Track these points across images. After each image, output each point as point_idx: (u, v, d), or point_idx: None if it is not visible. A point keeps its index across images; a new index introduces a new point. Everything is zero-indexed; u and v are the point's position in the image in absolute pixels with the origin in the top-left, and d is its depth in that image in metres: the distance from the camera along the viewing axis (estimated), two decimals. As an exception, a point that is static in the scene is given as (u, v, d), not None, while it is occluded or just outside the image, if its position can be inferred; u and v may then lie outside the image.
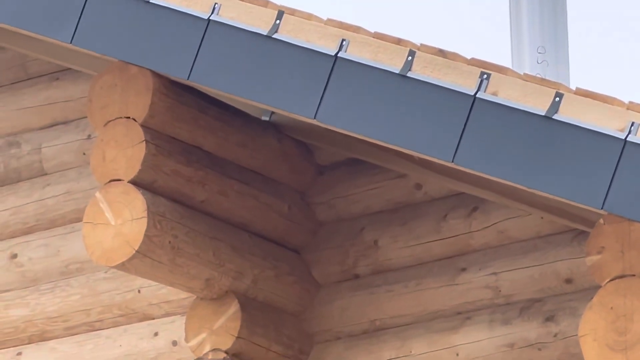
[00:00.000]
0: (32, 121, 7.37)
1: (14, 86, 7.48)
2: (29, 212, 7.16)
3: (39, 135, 7.26)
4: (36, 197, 7.14)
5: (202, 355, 6.05)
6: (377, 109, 5.66)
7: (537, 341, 5.84)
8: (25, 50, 7.14)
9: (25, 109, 7.42)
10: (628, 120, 4.93)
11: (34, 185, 7.19)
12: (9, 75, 7.56)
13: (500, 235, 6.05)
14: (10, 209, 7.25)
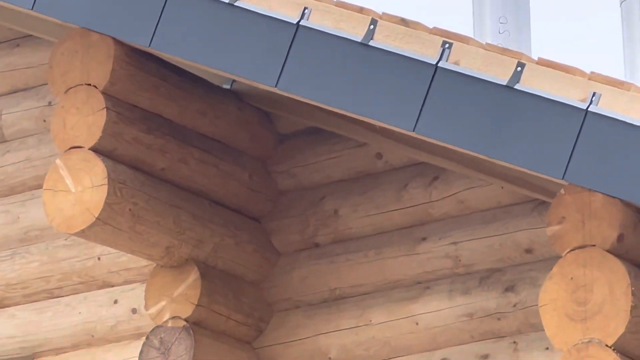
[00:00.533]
0: None
1: (-28, 53, 7.67)
2: None
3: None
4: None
5: (162, 323, 6.03)
6: (339, 77, 5.69)
7: (496, 311, 5.92)
8: (-16, 16, 7.21)
9: None
10: (589, 91, 4.99)
11: None
12: (-33, 42, 7.70)
13: (461, 205, 6.09)
14: (-30, 174, 7.29)
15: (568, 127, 5.10)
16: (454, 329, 6.08)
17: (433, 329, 6.16)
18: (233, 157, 6.45)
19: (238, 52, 6.02)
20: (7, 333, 7.01)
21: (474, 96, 5.29)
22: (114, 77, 5.85)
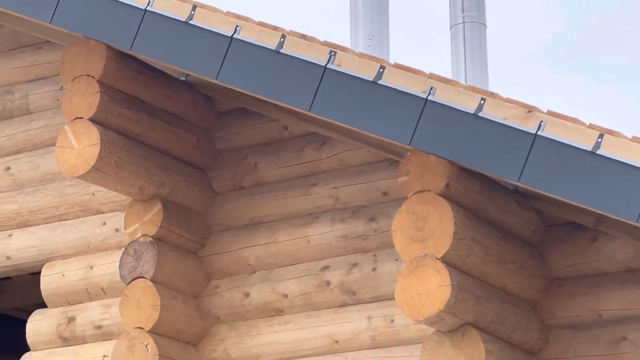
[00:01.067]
0: (22, 77, 8.15)
1: (9, 52, 8.31)
2: (18, 138, 8.06)
3: (26, 86, 8.09)
4: (24, 128, 8.04)
5: (135, 238, 6.87)
6: (260, 73, 6.42)
7: (363, 234, 6.81)
8: (17, 27, 7.71)
9: (17, 68, 8.20)
10: (429, 85, 5.77)
11: (23, 120, 8.09)
12: (5, 44, 8.25)
13: (341, 162, 6.95)
14: (6, 136, 8.13)
15: (413, 108, 5.82)
16: (334, 246, 6.89)
17: (320, 246, 6.93)
18: (186, 127, 7.12)
19: (190, 54, 6.64)
20: (29, 244, 7.82)
21: (349, 87, 5.99)
22: (106, 71, 6.59)
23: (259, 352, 7.00)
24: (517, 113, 5.61)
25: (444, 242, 5.71)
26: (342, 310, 6.73)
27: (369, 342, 6.60)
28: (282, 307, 6.95)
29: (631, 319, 6.19)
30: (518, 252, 6.22)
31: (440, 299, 5.60)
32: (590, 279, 6.24)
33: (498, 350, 5.89)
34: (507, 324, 6.02)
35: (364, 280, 6.68)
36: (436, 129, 5.81)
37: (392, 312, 6.44)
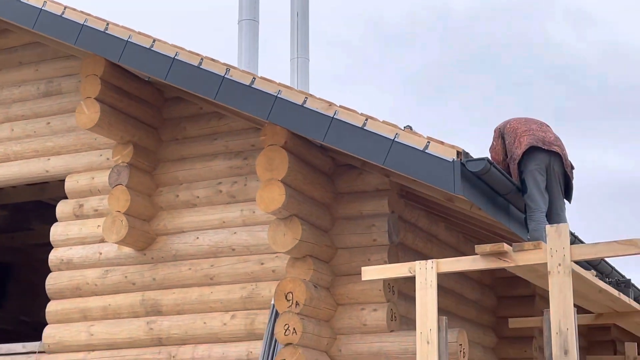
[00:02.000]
0: (59, 73, 8.67)
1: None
2: (56, 108, 8.63)
3: (60, 79, 8.68)
4: (58, 101, 8.66)
5: (118, 163, 7.60)
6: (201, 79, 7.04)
7: (241, 166, 7.52)
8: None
9: (57, 68, 8.69)
10: (279, 89, 6.72)
11: (57, 97, 8.66)
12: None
13: (230, 127, 7.72)
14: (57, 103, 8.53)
15: (269, 102, 6.66)
16: (225, 171, 7.63)
17: (217, 171, 7.67)
18: (148, 105, 7.91)
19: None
20: (59, 164, 8.39)
21: (236, 89, 6.77)
22: (104, 72, 7.44)
23: (182, 226, 7.73)
24: (324, 105, 6.55)
25: (282, 172, 6.58)
26: (228, 207, 7.57)
27: (240, 222, 7.49)
28: (195, 202, 7.70)
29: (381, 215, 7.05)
30: (320, 178, 7.12)
31: (279, 201, 6.54)
32: (357, 194, 7.27)
33: (308, 228, 6.80)
34: (313, 215, 6.94)
35: (240, 190, 7.51)
36: (282, 112, 6.65)
37: (254, 208, 7.29)
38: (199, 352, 7.31)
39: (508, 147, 7.07)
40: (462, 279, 8.70)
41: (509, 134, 7.09)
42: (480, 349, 9.11)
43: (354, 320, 6.93)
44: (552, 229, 5.48)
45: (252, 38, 14.37)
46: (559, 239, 5.39)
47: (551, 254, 5.39)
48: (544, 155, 6.87)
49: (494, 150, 7.25)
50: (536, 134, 6.95)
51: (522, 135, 6.93)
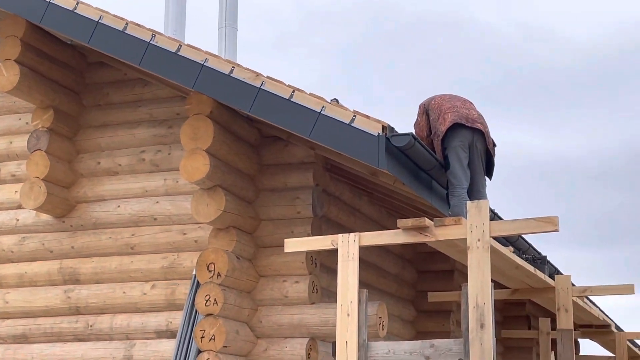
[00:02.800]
0: None
1: None
2: None
3: None
4: None
5: (38, 128, 7.51)
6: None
7: (165, 135, 7.42)
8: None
9: None
10: (205, 57, 6.62)
11: None
12: None
13: (154, 94, 7.64)
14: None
15: (196, 70, 6.60)
16: (148, 139, 7.60)
17: (140, 139, 7.62)
18: (70, 69, 7.79)
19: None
20: None
21: (169, 59, 6.71)
22: (25, 33, 7.31)
23: (103, 194, 7.67)
24: (251, 75, 6.48)
25: (207, 141, 6.53)
26: (151, 175, 7.53)
27: (163, 191, 7.45)
28: (117, 170, 7.64)
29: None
30: (245, 149, 7.07)
31: (203, 171, 6.49)
32: (282, 166, 7.21)
33: (232, 199, 6.78)
34: (237, 186, 6.92)
35: (164, 159, 7.47)
36: (208, 81, 6.57)
37: (177, 177, 7.22)
38: (118, 321, 7.30)
39: (432, 124, 7.13)
40: (384, 252, 8.79)
41: (433, 111, 7.15)
42: (399, 322, 9.24)
43: (276, 292, 6.95)
44: (472, 205, 5.59)
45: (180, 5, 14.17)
46: (479, 215, 5.50)
47: (471, 229, 5.48)
48: (467, 132, 6.94)
49: (419, 126, 7.31)
50: (460, 111, 7.01)
51: (446, 112, 6.98)
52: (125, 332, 7.21)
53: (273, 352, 6.86)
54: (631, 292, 8.07)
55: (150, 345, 7.10)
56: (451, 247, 6.10)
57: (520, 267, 6.91)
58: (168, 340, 6.98)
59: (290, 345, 6.81)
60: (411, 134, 6.14)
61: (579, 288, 8.27)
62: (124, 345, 7.20)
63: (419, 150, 6.30)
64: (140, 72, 7.33)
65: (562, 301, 7.52)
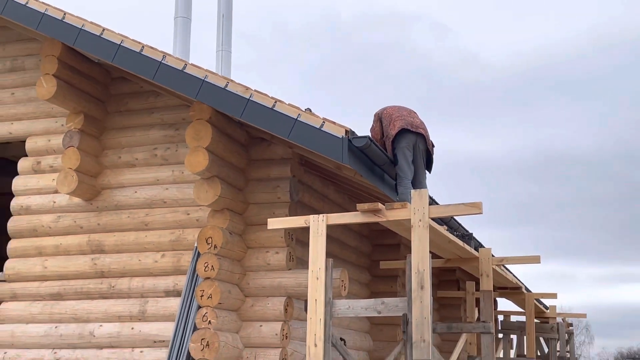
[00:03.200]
0: (23, 52, 8.14)
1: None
2: (19, 81, 8.13)
3: (24, 57, 8.14)
4: (20, 76, 8.11)
5: (71, 129, 7.26)
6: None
7: (172, 135, 7.19)
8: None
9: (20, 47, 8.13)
10: (205, 74, 6.44)
11: (19, 74, 8.16)
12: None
13: (166, 103, 7.35)
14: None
15: (197, 85, 6.45)
16: (159, 139, 7.29)
17: (152, 138, 7.38)
18: (97, 83, 7.58)
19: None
20: (22, 128, 7.93)
21: (178, 77, 6.47)
22: (61, 53, 7.09)
23: (123, 182, 7.41)
24: (242, 89, 6.32)
25: (206, 141, 6.41)
26: (162, 167, 7.28)
27: (171, 180, 7.22)
28: (135, 163, 7.38)
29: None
30: (237, 147, 6.91)
31: (203, 165, 6.40)
32: (266, 161, 7.03)
33: (226, 187, 6.65)
34: (230, 176, 6.79)
35: (172, 155, 7.27)
36: (208, 93, 6.43)
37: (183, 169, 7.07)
38: (135, 283, 7.20)
39: (385, 129, 7.09)
40: (346, 230, 8.74)
41: (385, 118, 7.11)
42: (358, 285, 9.19)
43: (260, 260, 6.88)
44: (415, 193, 5.58)
45: (185, 32, 13.90)
46: (420, 201, 5.50)
47: (414, 212, 5.47)
48: (411, 135, 6.92)
49: (374, 131, 7.25)
50: (406, 119, 7.00)
51: (395, 119, 6.96)
52: (141, 291, 7.14)
53: (258, 308, 6.83)
54: (537, 261, 8.10)
55: (161, 302, 7.05)
56: (398, 225, 6.07)
57: (452, 241, 6.91)
58: (175, 298, 6.93)
59: (272, 302, 6.80)
60: (368, 137, 6.09)
61: (498, 258, 8.26)
62: (140, 302, 7.13)
63: (373, 149, 6.25)
64: (154, 85, 7.22)
65: (484, 268, 7.51)
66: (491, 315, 7.09)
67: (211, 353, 6.21)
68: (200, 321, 6.34)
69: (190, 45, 14.21)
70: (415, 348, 5.04)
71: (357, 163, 6.05)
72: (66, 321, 7.28)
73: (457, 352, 8.34)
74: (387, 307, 5.37)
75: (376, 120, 7.25)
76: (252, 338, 6.68)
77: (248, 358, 6.62)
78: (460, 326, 6.96)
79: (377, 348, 9.34)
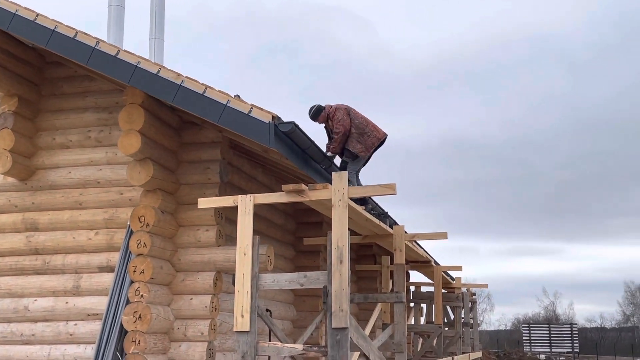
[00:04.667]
0: None
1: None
2: None
3: None
4: None
5: (5, 111, 7.06)
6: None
7: (107, 117, 6.98)
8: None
9: None
10: (137, 60, 6.26)
11: None
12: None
13: (100, 87, 7.16)
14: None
15: (130, 69, 6.24)
16: (94, 122, 7.10)
17: (87, 125, 7.17)
18: (31, 66, 7.34)
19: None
20: None
21: (111, 61, 6.28)
22: None
23: (57, 162, 7.21)
24: (174, 75, 6.19)
25: (139, 124, 6.31)
26: (96, 149, 7.09)
27: (105, 161, 7.03)
28: (69, 145, 7.20)
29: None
30: (169, 131, 6.76)
31: (136, 147, 6.29)
32: (197, 144, 6.92)
33: (158, 168, 6.55)
34: (163, 158, 6.64)
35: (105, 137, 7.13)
36: (140, 78, 6.26)
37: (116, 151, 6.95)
38: (69, 259, 7.04)
39: (357, 128, 7.50)
40: (272, 209, 8.70)
41: (359, 121, 7.55)
42: (283, 260, 9.20)
43: (191, 237, 6.78)
44: (335, 175, 5.61)
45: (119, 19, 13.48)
46: (340, 182, 5.53)
47: (334, 192, 5.48)
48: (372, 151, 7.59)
49: (344, 123, 7.48)
50: (373, 135, 7.53)
51: (369, 134, 7.51)
52: (75, 267, 6.97)
53: (189, 282, 6.75)
54: (445, 237, 8.21)
55: (94, 277, 6.90)
56: (320, 205, 6.07)
57: (369, 220, 6.94)
58: (108, 274, 6.81)
59: (202, 277, 6.72)
60: (293, 122, 6.04)
61: (410, 235, 8.35)
62: (74, 277, 6.96)
63: (299, 134, 6.19)
64: (88, 70, 7.02)
65: (397, 244, 7.60)
66: (403, 286, 7.18)
67: (143, 325, 6.14)
68: (133, 295, 6.27)
69: (124, 32, 13.81)
70: (334, 317, 5.09)
71: (283, 147, 6.01)
72: (0, 296, 7.08)
73: (372, 320, 8.45)
74: (309, 280, 5.36)
75: (346, 115, 7.52)
76: (183, 310, 6.61)
77: (179, 329, 6.58)
78: (375, 296, 7.15)
79: (300, 317, 9.37)
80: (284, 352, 5.41)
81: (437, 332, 9.99)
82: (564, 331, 42.61)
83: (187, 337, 6.50)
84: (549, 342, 41.92)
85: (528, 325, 45.10)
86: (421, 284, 14.35)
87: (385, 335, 6.84)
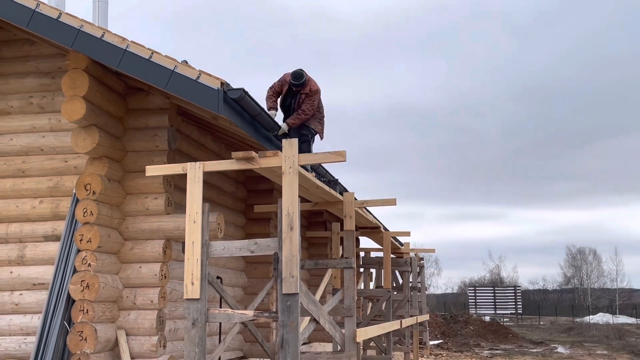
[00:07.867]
0: None
1: None
2: None
3: None
4: None
5: None
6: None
7: (50, 83, 6.82)
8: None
9: None
10: (81, 23, 6.15)
11: None
12: None
13: (41, 52, 6.93)
14: None
15: (73, 34, 6.13)
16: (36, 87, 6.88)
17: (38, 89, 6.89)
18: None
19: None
20: None
21: (58, 28, 6.14)
22: None
23: None
24: (119, 40, 6.12)
25: (83, 90, 6.19)
26: (38, 116, 6.92)
27: (48, 128, 6.90)
28: (10, 111, 7.00)
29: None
30: (115, 97, 6.66)
31: (80, 113, 6.18)
32: (144, 110, 6.77)
33: (104, 135, 6.44)
34: (108, 125, 6.49)
35: (48, 103, 6.89)
36: (84, 42, 6.14)
37: (60, 117, 6.74)
38: (12, 228, 6.93)
39: (320, 112, 7.64)
40: (223, 176, 8.67)
41: (322, 106, 7.70)
42: (233, 227, 9.22)
43: (139, 205, 6.72)
44: (286, 142, 5.61)
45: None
46: (290, 150, 5.54)
47: (285, 160, 5.50)
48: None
49: (317, 107, 7.58)
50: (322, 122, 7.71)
51: (323, 122, 7.67)
52: (19, 237, 6.87)
53: (137, 251, 6.68)
54: (394, 203, 8.31)
55: (40, 246, 6.82)
56: (271, 172, 6.05)
57: (319, 187, 6.93)
58: (54, 243, 6.72)
59: (151, 245, 6.67)
60: (242, 89, 5.97)
61: (359, 201, 8.35)
62: (18, 246, 6.86)
63: (248, 101, 6.15)
64: (28, 34, 6.89)
65: (348, 211, 7.65)
66: (353, 252, 7.24)
67: (91, 294, 6.10)
68: (80, 264, 6.21)
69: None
70: (284, 283, 5.12)
71: (232, 114, 5.95)
72: (-59, 267, 6.88)
73: (323, 285, 8.57)
74: (259, 247, 5.36)
75: (319, 96, 7.56)
76: (132, 279, 6.58)
77: (128, 297, 6.56)
78: (325, 262, 7.22)
79: (252, 284, 9.43)
80: (235, 318, 5.44)
81: (385, 296, 10.21)
82: (508, 293, 44.22)
83: (137, 305, 6.49)
84: (494, 304, 43.44)
85: (474, 288, 46.64)
86: (371, 249, 14.58)
87: (335, 300, 6.92)
